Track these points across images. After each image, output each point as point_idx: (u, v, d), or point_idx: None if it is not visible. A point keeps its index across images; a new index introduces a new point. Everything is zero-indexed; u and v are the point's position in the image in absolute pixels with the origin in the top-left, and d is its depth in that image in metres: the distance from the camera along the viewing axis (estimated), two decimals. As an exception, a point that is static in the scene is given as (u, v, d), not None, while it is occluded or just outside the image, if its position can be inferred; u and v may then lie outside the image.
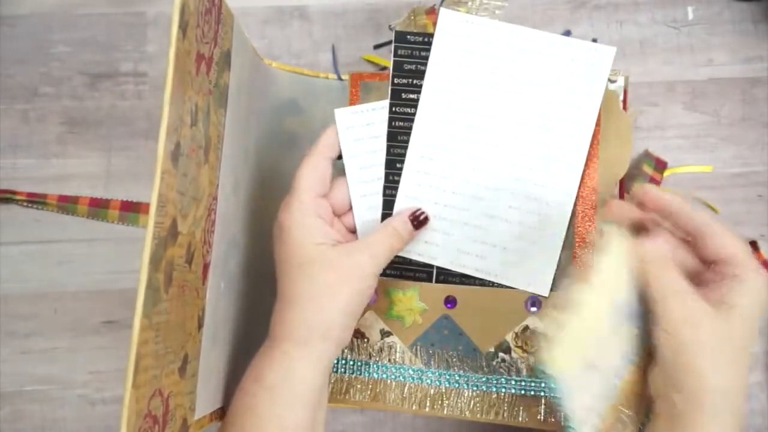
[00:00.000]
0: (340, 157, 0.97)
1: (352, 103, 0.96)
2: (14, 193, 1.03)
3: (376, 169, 0.89)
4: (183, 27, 0.67)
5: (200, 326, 0.79)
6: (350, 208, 0.89)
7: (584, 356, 0.73)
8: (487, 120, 0.88)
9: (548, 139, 0.87)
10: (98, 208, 1.04)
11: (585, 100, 0.86)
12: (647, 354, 0.76)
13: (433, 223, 0.89)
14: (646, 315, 0.76)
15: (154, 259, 0.64)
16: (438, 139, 0.89)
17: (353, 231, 0.90)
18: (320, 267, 0.81)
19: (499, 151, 0.88)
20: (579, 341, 0.73)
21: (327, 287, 0.80)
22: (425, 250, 0.90)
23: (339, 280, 0.80)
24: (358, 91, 0.96)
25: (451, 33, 0.90)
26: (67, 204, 1.03)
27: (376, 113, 0.90)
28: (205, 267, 0.79)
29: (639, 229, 0.80)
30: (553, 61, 0.88)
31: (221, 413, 0.87)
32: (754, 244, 1.02)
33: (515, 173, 0.88)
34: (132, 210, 1.04)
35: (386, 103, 0.91)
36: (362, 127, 0.90)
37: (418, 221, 0.87)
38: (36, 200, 1.03)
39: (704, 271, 0.78)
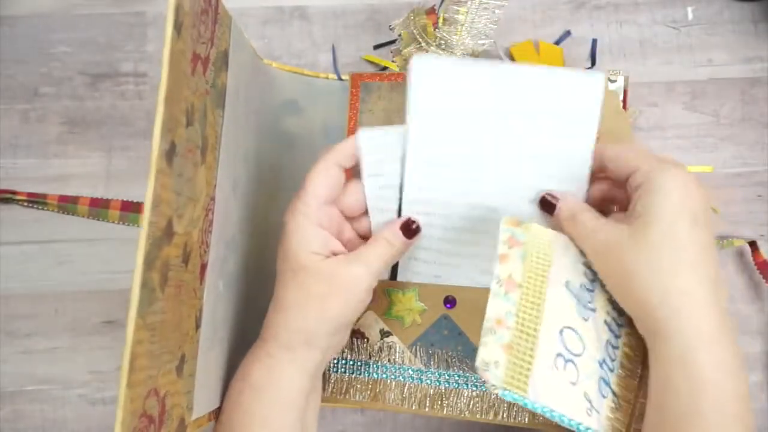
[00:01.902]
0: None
1: (352, 103, 0.96)
2: (14, 193, 1.04)
3: (395, 190, 0.88)
4: (178, 27, 0.67)
5: (198, 326, 0.78)
6: (364, 212, 0.88)
7: (555, 353, 0.73)
8: (480, 160, 0.86)
9: (546, 172, 0.86)
10: (98, 208, 1.04)
11: (579, 129, 0.83)
12: None
13: (434, 247, 0.90)
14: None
15: (149, 258, 0.64)
16: (432, 182, 0.87)
17: (365, 237, 0.89)
18: (311, 277, 0.81)
19: (497, 188, 0.87)
20: (529, 350, 0.72)
21: (317, 298, 0.80)
22: (427, 269, 0.91)
23: (330, 292, 0.80)
24: (358, 91, 0.96)
25: (427, 79, 0.83)
26: (67, 204, 1.04)
27: (397, 136, 0.90)
28: (203, 267, 0.79)
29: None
30: (540, 93, 0.83)
31: (219, 414, 0.87)
32: (753, 244, 1.01)
33: (516, 207, 0.87)
34: (132, 210, 1.04)
35: (407, 127, 0.90)
36: (383, 148, 0.90)
37: (410, 231, 0.86)
38: (36, 200, 1.04)
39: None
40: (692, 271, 0.69)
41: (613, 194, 0.81)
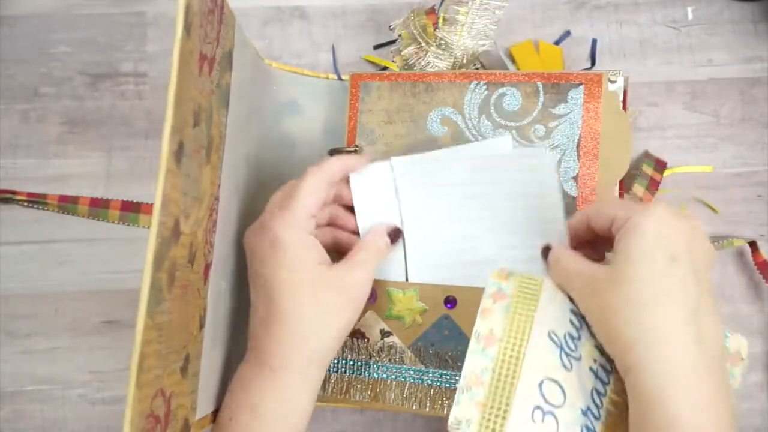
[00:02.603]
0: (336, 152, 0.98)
1: (351, 103, 0.96)
2: (14, 193, 1.03)
3: (385, 216, 0.92)
4: (187, 27, 0.67)
5: (201, 326, 0.79)
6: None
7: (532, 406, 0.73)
8: (470, 231, 0.92)
9: (525, 239, 0.88)
10: (98, 208, 1.04)
11: (545, 201, 0.87)
12: None
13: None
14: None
15: (158, 259, 0.64)
16: (428, 236, 0.92)
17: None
18: (324, 288, 0.81)
19: (490, 252, 0.91)
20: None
21: (332, 311, 0.81)
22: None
23: (344, 302, 0.81)
24: (357, 91, 0.96)
25: (406, 173, 0.93)
26: (67, 204, 1.03)
27: (386, 171, 0.91)
28: (207, 267, 0.79)
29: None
30: (502, 172, 0.91)
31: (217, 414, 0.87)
32: (753, 244, 1.01)
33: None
34: (132, 210, 1.04)
35: (396, 161, 0.92)
36: (373, 184, 0.91)
37: (394, 234, 0.90)
38: (36, 200, 1.03)
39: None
40: (668, 307, 0.68)
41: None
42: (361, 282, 0.83)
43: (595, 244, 0.81)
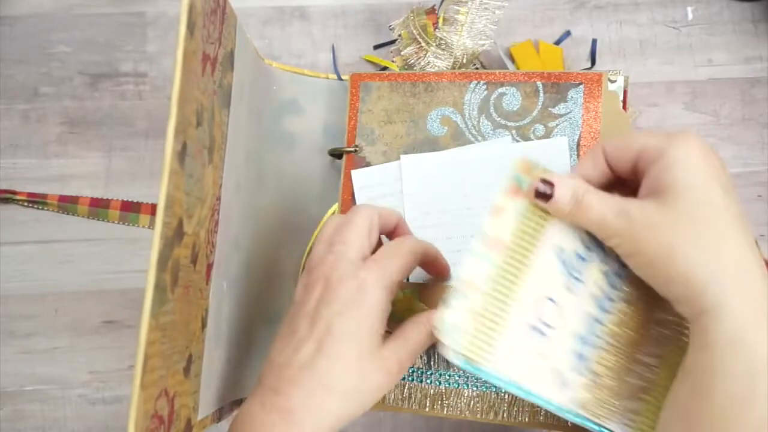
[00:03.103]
0: (339, 156, 0.97)
1: (351, 103, 0.96)
2: (14, 193, 1.04)
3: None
4: (190, 27, 0.67)
5: (203, 326, 0.79)
6: None
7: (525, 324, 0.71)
8: (469, 226, 0.92)
9: None
10: (98, 208, 1.04)
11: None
12: (632, 285, 0.73)
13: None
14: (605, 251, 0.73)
15: (162, 259, 0.64)
16: (431, 236, 0.90)
17: None
18: (375, 364, 0.74)
19: None
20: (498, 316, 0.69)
21: (372, 390, 0.74)
22: None
23: (383, 385, 0.75)
24: (357, 91, 0.96)
25: (414, 170, 0.94)
26: (67, 204, 1.03)
27: (389, 173, 0.91)
28: (209, 267, 0.79)
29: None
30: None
31: (220, 414, 0.87)
32: (753, 244, 1.01)
33: None
34: (132, 210, 1.04)
35: (398, 163, 0.93)
36: (375, 186, 0.92)
37: None
38: (36, 200, 1.03)
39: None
40: (738, 242, 0.63)
41: None
42: (405, 367, 0.77)
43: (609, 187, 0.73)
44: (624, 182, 0.72)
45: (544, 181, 0.70)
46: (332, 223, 0.80)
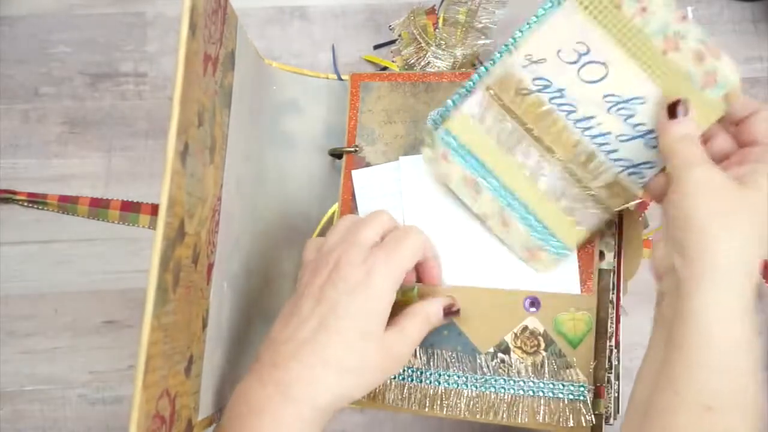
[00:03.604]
0: (339, 156, 0.97)
1: (352, 103, 0.96)
2: (15, 193, 1.03)
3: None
4: (192, 28, 0.67)
5: (204, 326, 0.79)
6: None
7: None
8: (469, 227, 0.92)
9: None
10: (98, 208, 1.04)
11: None
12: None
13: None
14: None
15: (164, 259, 0.64)
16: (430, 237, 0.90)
17: None
18: (375, 349, 0.76)
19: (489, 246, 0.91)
20: None
21: (372, 371, 0.77)
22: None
23: (384, 368, 0.77)
24: (358, 91, 0.96)
25: (413, 172, 0.93)
26: (67, 204, 1.03)
27: (389, 173, 0.91)
28: (210, 267, 0.79)
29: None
30: None
31: (221, 414, 0.87)
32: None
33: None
34: (132, 210, 1.04)
35: (398, 163, 0.93)
36: (376, 186, 0.92)
37: (451, 312, 0.85)
38: (36, 200, 1.03)
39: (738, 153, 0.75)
40: (763, 253, 0.68)
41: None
42: (404, 356, 0.79)
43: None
44: None
45: (684, 105, 0.74)
46: (348, 219, 0.83)
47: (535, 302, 0.86)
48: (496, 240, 0.89)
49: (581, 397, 0.83)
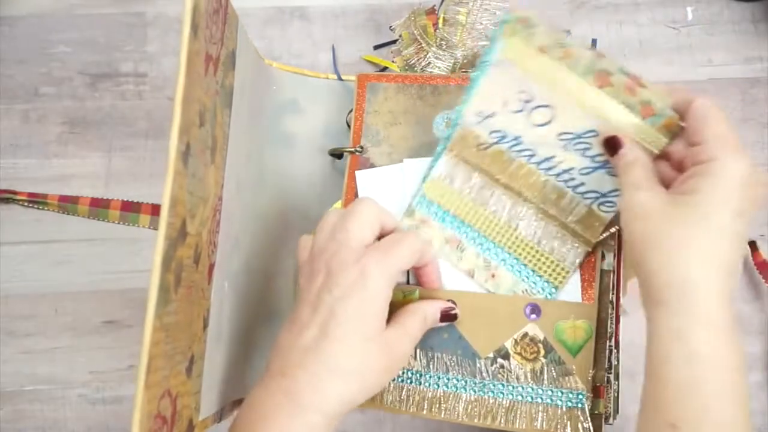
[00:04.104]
0: (339, 156, 0.98)
1: (358, 103, 0.96)
2: (15, 193, 1.04)
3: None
4: (194, 28, 0.67)
5: (205, 326, 0.79)
6: None
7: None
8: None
9: None
10: (99, 208, 1.04)
11: None
12: None
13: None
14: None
15: (166, 259, 0.63)
16: None
17: None
18: (377, 348, 0.76)
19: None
20: None
21: (376, 372, 0.76)
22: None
23: (387, 368, 0.77)
24: (364, 91, 0.96)
25: (417, 175, 0.92)
26: (67, 204, 1.03)
27: (394, 174, 0.91)
28: (211, 267, 0.79)
29: None
30: None
31: (221, 414, 0.87)
32: (753, 245, 1.02)
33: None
34: (132, 210, 1.04)
35: (402, 165, 0.92)
36: (380, 187, 0.92)
37: (448, 316, 0.85)
38: (36, 200, 1.03)
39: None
40: (716, 261, 0.69)
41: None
42: (405, 354, 0.79)
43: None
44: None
45: (618, 137, 0.79)
46: (334, 214, 0.82)
47: (535, 309, 0.86)
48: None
49: (579, 405, 0.83)
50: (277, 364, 0.76)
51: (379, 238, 0.80)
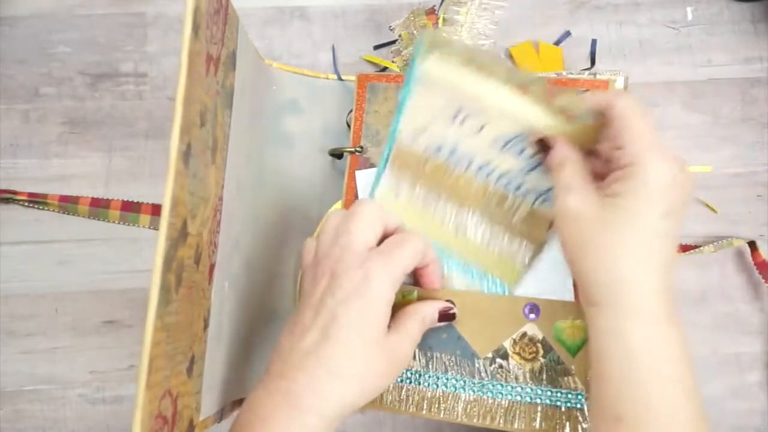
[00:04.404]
0: (339, 156, 0.98)
1: (358, 103, 0.96)
2: (15, 193, 1.03)
3: None
4: (195, 28, 0.66)
5: (206, 326, 0.79)
6: None
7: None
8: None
9: None
10: (99, 208, 1.04)
11: None
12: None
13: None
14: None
15: (167, 260, 0.64)
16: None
17: None
18: (379, 351, 0.76)
19: None
20: None
21: (378, 375, 0.76)
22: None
23: (388, 371, 0.77)
24: (364, 91, 0.96)
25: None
26: (67, 204, 1.03)
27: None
28: (211, 267, 0.79)
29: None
30: None
31: (221, 414, 0.87)
32: (753, 244, 1.02)
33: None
34: (132, 210, 1.04)
35: None
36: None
37: (447, 316, 0.85)
38: (37, 200, 1.03)
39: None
40: (647, 260, 0.71)
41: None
42: (406, 357, 0.79)
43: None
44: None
45: (549, 137, 0.81)
46: (336, 215, 0.82)
47: (534, 309, 0.86)
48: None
49: (579, 405, 0.83)
50: (278, 366, 0.76)
51: (383, 239, 0.81)
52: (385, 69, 1.07)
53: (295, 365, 0.74)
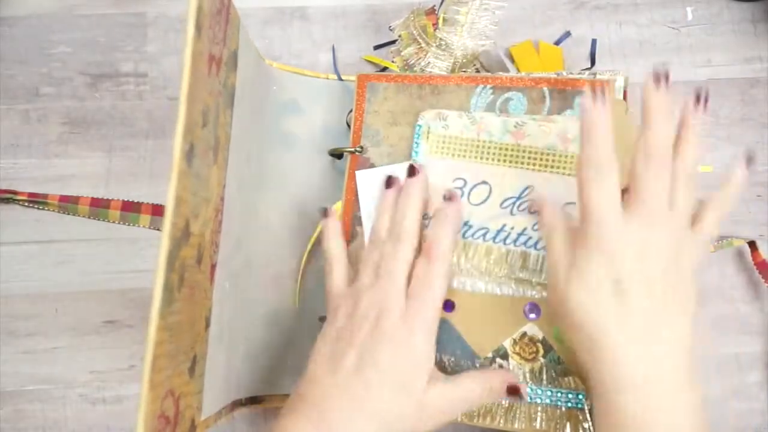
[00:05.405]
0: (339, 156, 0.98)
1: (358, 103, 0.96)
2: (15, 193, 1.03)
3: None
4: (198, 28, 0.67)
5: (207, 326, 0.79)
6: None
7: None
8: None
9: None
10: (99, 208, 1.03)
11: None
12: None
13: None
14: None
15: (170, 259, 0.64)
16: None
17: None
18: (417, 405, 0.76)
19: None
20: None
21: (418, 425, 0.77)
22: None
23: (427, 421, 0.77)
24: (364, 91, 0.95)
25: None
26: (67, 204, 1.03)
27: (397, 172, 0.91)
28: (213, 267, 0.79)
29: None
30: None
31: (222, 414, 0.87)
32: (753, 244, 1.02)
33: None
34: (133, 210, 1.04)
35: (406, 165, 0.92)
36: (380, 187, 0.92)
37: (513, 390, 0.83)
38: (37, 200, 1.03)
39: None
40: (614, 331, 0.72)
41: None
42: (447, 414, 0.79)
43: None
44: None
45: (534, 201, 0.85)
46: (377, 250, 0.85)
47: (534, 309, 0.86)
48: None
49: (579, 405, 0.83)
50: (310, 395, 0.76)
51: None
52: (385, 69, 1.07)
53: (330, 399, 0.75)
